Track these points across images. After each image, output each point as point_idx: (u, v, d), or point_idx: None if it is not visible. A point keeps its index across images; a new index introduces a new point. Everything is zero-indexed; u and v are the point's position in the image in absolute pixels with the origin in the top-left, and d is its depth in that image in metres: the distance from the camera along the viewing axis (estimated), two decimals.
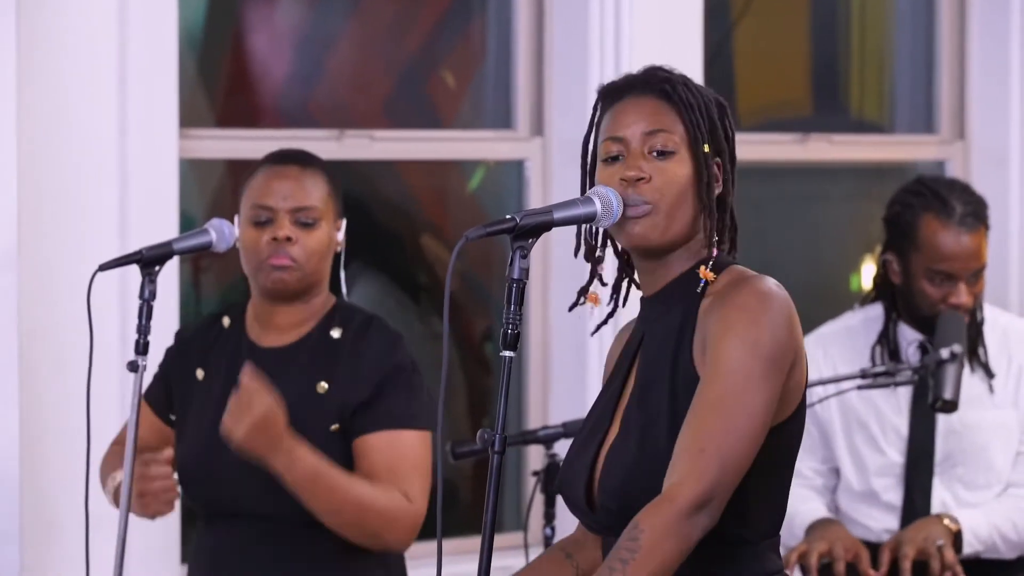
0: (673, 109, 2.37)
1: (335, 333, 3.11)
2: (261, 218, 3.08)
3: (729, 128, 2.41)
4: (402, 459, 3.05)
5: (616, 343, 2.51)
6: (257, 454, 2.96)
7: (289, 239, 3.06)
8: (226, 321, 3.19)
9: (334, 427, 3.07)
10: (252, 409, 2.93)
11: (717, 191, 2.38)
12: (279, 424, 2.96)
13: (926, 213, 3.76)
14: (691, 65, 4.36)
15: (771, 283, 2.31)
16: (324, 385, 3.08)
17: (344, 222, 3.15)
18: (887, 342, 3.82)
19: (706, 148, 2.35)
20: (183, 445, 3.15)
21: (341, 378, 3.08)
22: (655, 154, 2.35)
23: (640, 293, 2.45)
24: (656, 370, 2.34)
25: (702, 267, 2.35)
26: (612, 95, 2.42)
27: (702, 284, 2.34)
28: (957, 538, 3.69)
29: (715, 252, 2.36)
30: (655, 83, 2.39)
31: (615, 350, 2.50)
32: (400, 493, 3.02)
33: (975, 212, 3.77)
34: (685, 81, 2.40)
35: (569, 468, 2.40)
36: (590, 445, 2.38)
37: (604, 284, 2.46)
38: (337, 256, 3.15)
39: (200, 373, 3.17)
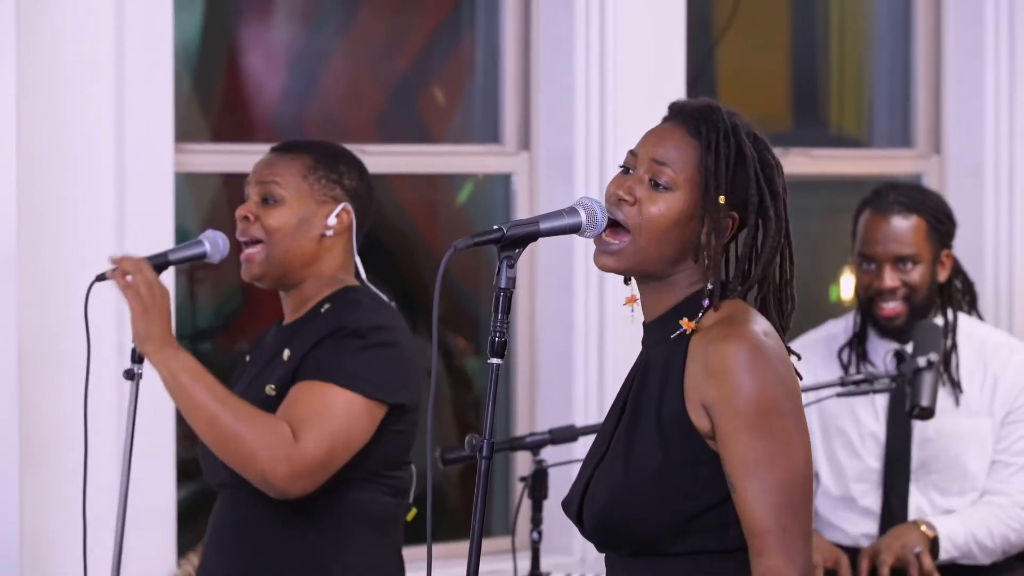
0: (696, 149, 2.32)
1: (323, 308, 3.11)
2: (245, 195, 3.15)
3: (762, 186, 2.34)
4: (309, 406, 2.97)
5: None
6: (148, 341, 2.96)
7: (247, 218, 3.09)
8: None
9: (270, 388, 3.05)
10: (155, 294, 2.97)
11: (722, 239, 2.32)
12: (168, 312, 2.97)
13: (865, 207, 3.85)
14: (674, 81, 4.41)
15: (753, 337, 2.27)
16: (287, 352, 3.08)
17: (342, 206, 3.13)
18: (854, 346, 3.89)
19: (721, 200, 2.31)
20: None
21: (297, 344, 3.07)
22: (652, 184, 2.34)
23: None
24: (647, 400, 2.34)
25: (684, 319, 2.32)
26: (668, 112, 2.40)
27: (681, 332, 2.31)
28: (934, 544, 3.71)
29: (706, 303, 2.32)
30: (694, 117, 2.35)
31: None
32: (289, 430, 2.94)
33: (907, 202, 3.79)
34: (728, 131, 2.33)
35: (575, 482, 2.42)
36: (590, 463, 2.40)
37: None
38: (347, 240, 3.14)
39: (248, 357, 3.22)
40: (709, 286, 2.33)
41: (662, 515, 2.29)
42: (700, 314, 2.33)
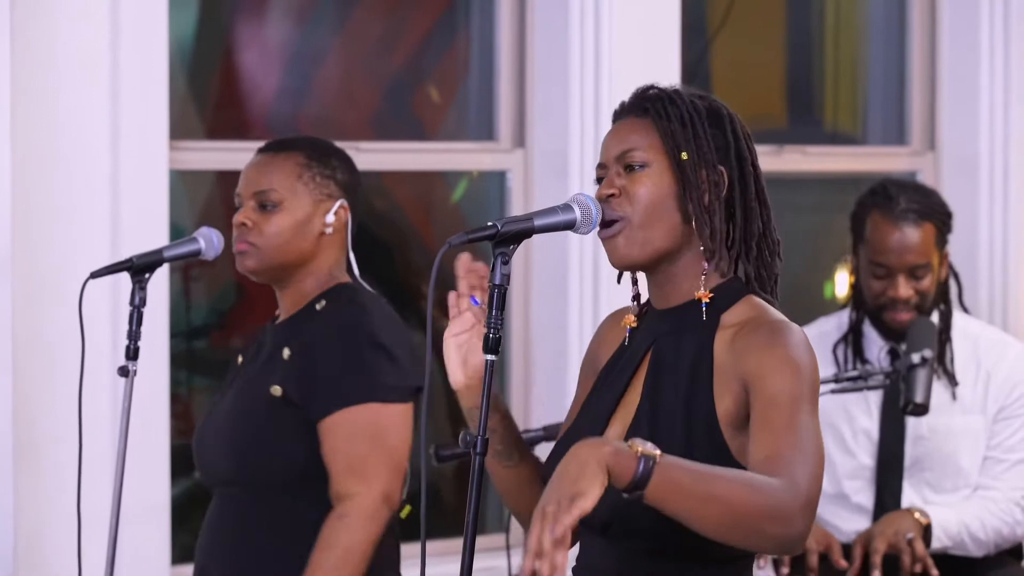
0: (649, 123, 2.37)
1: (319, 305, 3.13)
2: (235, 203, 3.15)
3: (727, 135, 2.37)
4: (353, 445, 3.02)
5: (606, 332, 2.50)
6: None
7: (245, 224, 3.10)
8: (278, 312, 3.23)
9: (275, 389, 3.07)
10: None
11: (708, 199, 2.35)
12: None
13: (873, 210, 3.84)
14: (669, 78, 4.40)
15: (789, 323, 2.30)
16: (287, 352, 3.10)
17: (339, 203, 3.13)
18: (850, 343, 3.90)
19: (684, 156, 2.34)
20: None
21: (300, 345, 3.08)
22: (627, 170, 2.36)
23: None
24: (669, 392, 2.33)
25: (698, 291, 2.35)
26: (613, 122, 2.44)
27: (704, 307, 2.33)
28: (926, 532, 3.72)
29: (706, 265, 2.34)
30: (636, 103, 2.40)
31: (605, 339, 2.49)
32: (354, 492, 3.01)
33: (919, 209, 3.81)
34: (671, 95, 2.38)
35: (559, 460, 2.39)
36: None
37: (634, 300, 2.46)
38: (343, 237, 3.14)
39: (240, 359, 3.23)
40: (701, 247, 2.35)
41: None
42: (703, 278, 2.34)
